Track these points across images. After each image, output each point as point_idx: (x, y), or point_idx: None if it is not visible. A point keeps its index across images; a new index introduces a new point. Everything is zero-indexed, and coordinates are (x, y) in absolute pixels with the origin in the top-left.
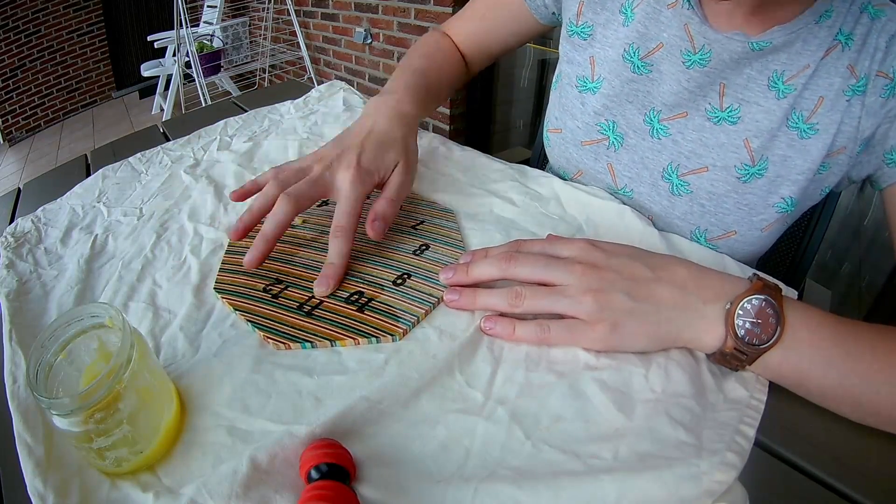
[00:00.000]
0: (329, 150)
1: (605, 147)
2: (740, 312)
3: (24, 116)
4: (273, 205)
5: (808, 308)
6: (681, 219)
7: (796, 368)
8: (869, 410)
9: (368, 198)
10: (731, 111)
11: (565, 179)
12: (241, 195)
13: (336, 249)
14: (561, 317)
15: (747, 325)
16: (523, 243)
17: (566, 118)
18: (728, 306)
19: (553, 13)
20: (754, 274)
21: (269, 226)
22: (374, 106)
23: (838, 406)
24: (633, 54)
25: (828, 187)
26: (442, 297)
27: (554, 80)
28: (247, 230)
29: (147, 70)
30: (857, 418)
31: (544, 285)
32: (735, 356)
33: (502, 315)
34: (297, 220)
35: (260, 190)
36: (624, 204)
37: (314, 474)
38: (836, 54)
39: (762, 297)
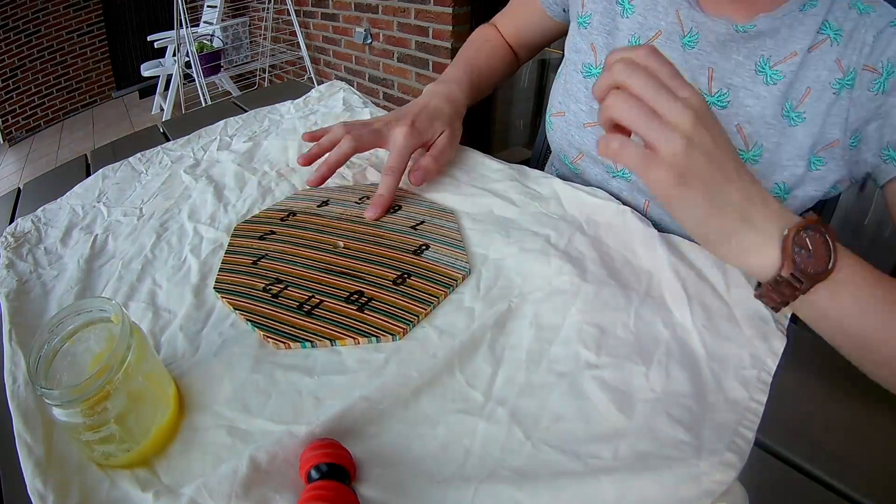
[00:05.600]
0: (389, 116)
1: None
2: (797, 240)
3: (24, 116)
4: (338, 142)
5: (853, 253)
6: None
7: (841, 306)
8: None
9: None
10: (720, 95)
11: (566, 163)
12: (312, 136)
13: (386, 184)
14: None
15: (803, 252)
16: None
17: (569, 101)
18: (785, 232)
19: (563, 9)
20: (807, 210)
21: (333, 155)
22: (432, 90)
23: (876, 352)
24: (634, 43)
25: (835, 184)
26: (442, 297)
27: (560, 69)
28: (313, 158)
29: (147, 70)
30: (894, 371)
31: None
32: (790, 284)
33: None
34: (299, 223)
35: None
36: (624, 204)
37: (314, 474)
38: (825, 48)
39: (820, 228)
